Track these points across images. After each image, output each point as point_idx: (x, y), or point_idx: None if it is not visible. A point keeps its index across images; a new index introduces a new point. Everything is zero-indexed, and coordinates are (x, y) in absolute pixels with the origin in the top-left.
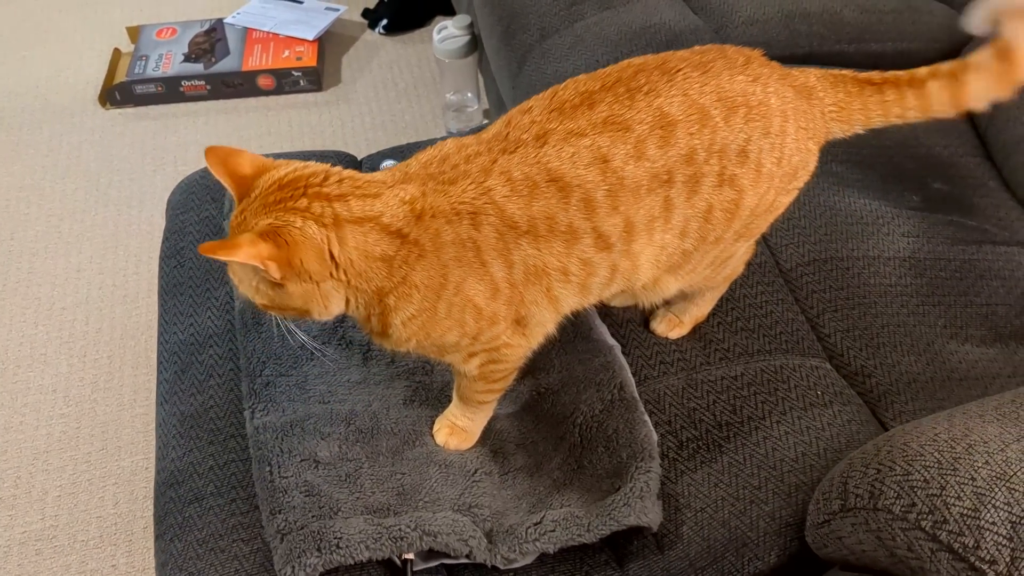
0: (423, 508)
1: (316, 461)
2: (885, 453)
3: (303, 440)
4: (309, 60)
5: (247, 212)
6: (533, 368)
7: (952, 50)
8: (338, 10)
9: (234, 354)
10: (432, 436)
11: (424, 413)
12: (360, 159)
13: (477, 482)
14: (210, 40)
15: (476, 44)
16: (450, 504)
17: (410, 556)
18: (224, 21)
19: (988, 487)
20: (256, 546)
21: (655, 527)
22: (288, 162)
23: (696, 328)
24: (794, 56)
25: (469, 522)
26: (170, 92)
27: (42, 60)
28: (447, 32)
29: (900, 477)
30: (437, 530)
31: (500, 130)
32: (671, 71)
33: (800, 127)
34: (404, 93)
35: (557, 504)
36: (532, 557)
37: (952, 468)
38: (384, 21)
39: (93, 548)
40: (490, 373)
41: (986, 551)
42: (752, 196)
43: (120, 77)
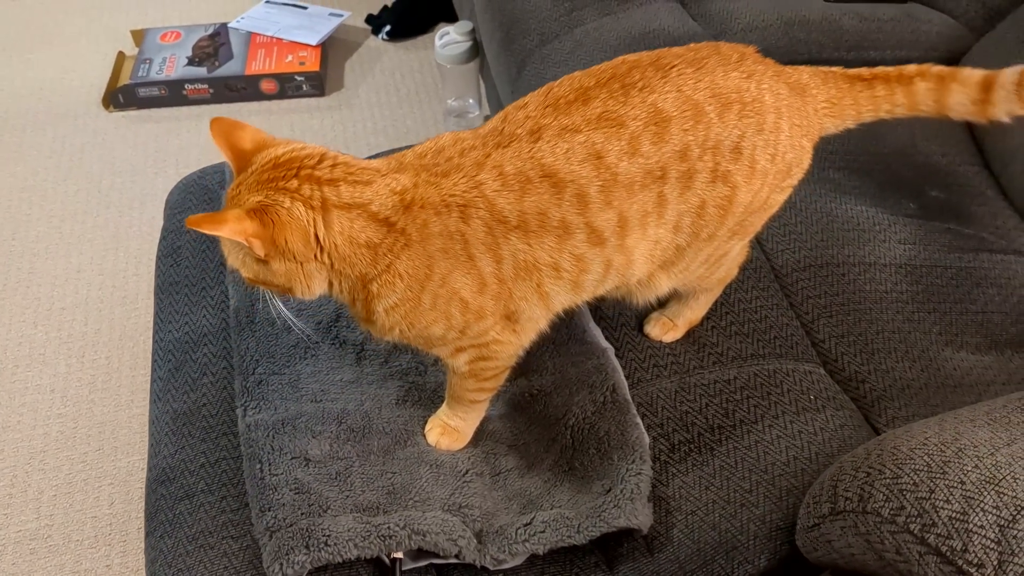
0: (413, 507)
1: (307, 459)
2: (875, 457)
3: (294, 438)
4: (312, 65)
5: (242, 187)
6: (526, 370)
7: (950, 59)
8: (342, 16)
9: (228, 352)
10: (424, 436)
11: (416, 413)
12: None
13: (468, 483)
14: (214, 44)
15: (478, 50)
16: (440, 504)
17: (399, 555)
18: (228, 25)
19: (977, 491)
20: (245, 543)
21: (645, 529)
22: (288, 141)
23: (690, 332)
24: (793, 63)
25: (459, 522)
26: (173, 95)
27: (47, 62)
28: (449, 38)
29: (889, 480)
30: (426, 529)
31: (496, 125)
32: (665, 67)
33: (794, 124)
34: (406, 99)
35: (547, 505)
36: (522, 558)
37: (941, 472)
38: (387, 27)
39: (88, 548)
40: (481, 371)
41: (974, 554)
42: (746, 193)
43: (124, 80)
